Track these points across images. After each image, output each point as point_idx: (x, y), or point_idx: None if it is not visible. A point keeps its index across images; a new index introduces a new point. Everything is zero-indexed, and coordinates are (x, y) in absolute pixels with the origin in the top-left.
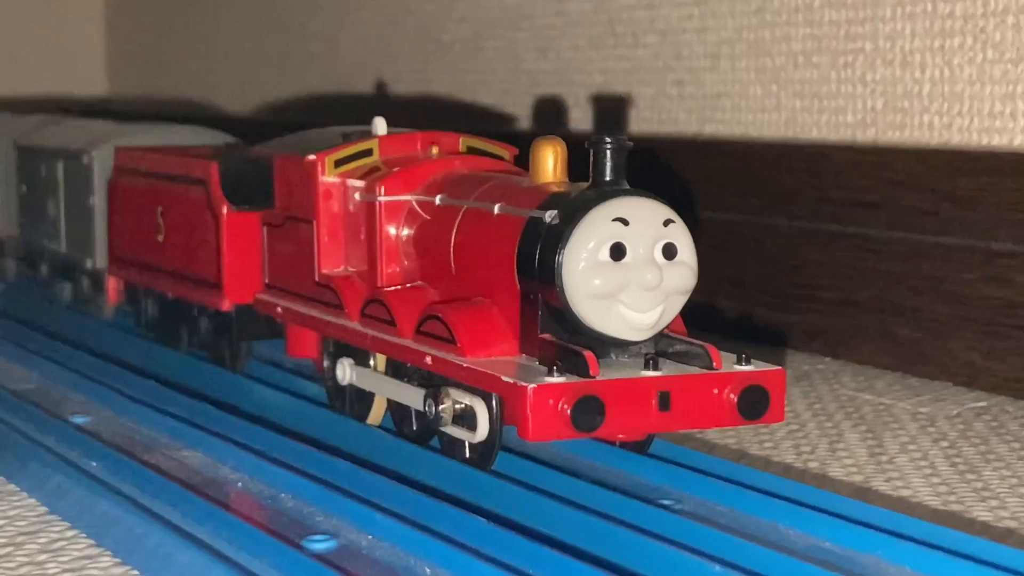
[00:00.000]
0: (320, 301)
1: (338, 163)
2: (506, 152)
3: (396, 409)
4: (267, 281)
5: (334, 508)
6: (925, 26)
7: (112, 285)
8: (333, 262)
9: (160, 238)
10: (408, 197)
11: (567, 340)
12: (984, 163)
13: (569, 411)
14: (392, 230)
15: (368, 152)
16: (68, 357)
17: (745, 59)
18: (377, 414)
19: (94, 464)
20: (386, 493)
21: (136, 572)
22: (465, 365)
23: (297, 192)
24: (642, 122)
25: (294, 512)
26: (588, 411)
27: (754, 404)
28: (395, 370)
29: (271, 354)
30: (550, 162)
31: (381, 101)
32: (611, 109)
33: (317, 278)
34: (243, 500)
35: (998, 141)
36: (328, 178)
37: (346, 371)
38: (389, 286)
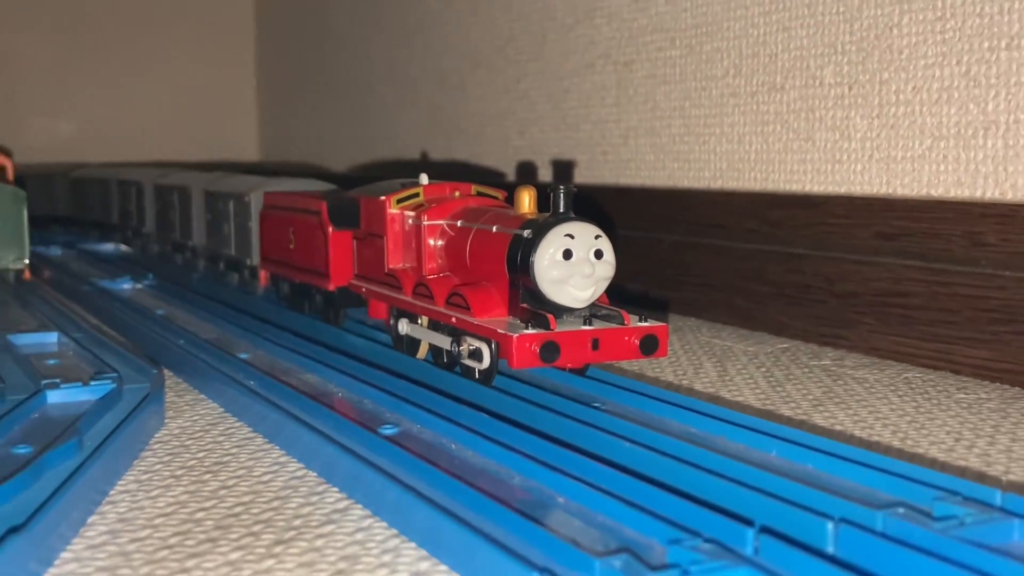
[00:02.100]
0: (388, 284)
1: (398, 201)
2: (500, 195)
3: (434, 349)
4: (356, 272)
5: (397, 408)
6: (751, 119)
7: (263, 275)
8: (396, 261)
9: (291, 246)
10: (441, 222)
11: (537, 308)
12: (788, 200)
13: (538, 350)
14: (431, 242)
15: (416, 195)
16: (236, 317)
17: (644, 138)
18: (422, 352)
19: (252, 382)
20: (428, 399)
21: (280, 450)
22: (475, 322)
23: (374, 219)
24: (581, 177)
25: (373, 411)
26: (549, 350)
27: (649, 346)
28: (434, 325)
29: (359, 316)
30: (526, 201)
31: (423, 164)
32: (563, 168)
33: (386, 271)
34: (342, 404)
35: (796, 188)
36: (392, 210)
37: (404, 327)
38: (430, 275)
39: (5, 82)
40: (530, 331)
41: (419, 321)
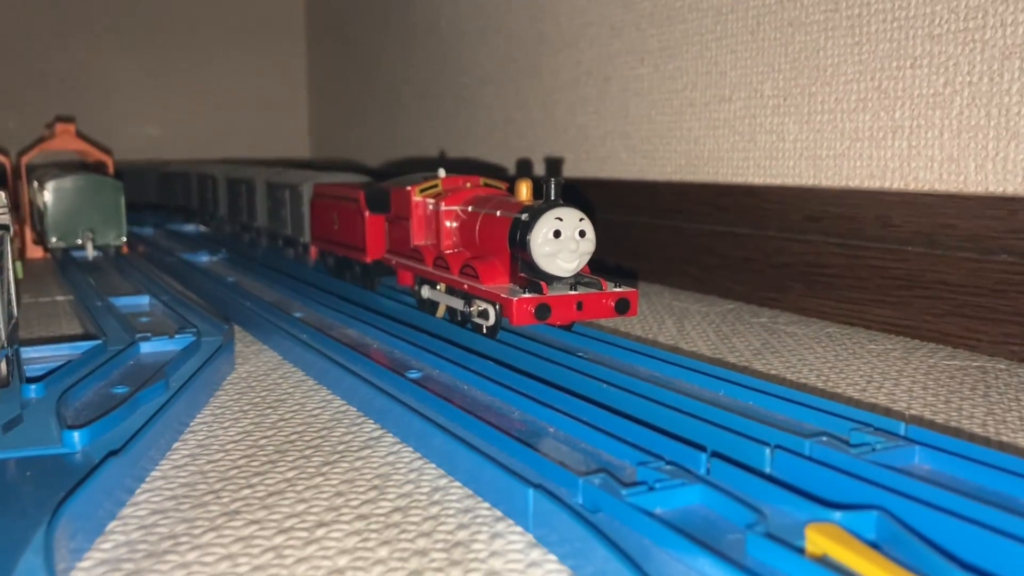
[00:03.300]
0: (414, 258)
1: (421, 191)
2: (502, 185)
3: (450, 310)
4: (387, 248)
5: (420, 357)
6: (705, 124)
7: (313, 250)
8: (419, 239)
9: (336, 227)
10: (456, 208)
11: (532, 277)
12: (735, 190)
13: (533, 310)
14: (448, 224)
15: (435, 185)
16: (291, 286)
17: (618, 140)
18: (440, 312)
19: (305, 336)
20: (445, 349)
21: (327, 390)
22: (483, 288)
23: (402, 205)
24: (568, 171)
25: (400, 358)
26: (543, 310)
27: (622, 307)
28: (450, 290)
29: (389, 283)
30: (524, 191)
31: (441, 161)
32: (553, 164)
33: (411, 247)
34: (376, 353)
35: (741, 180)
36: (416, 198)
37: (426, 291)
38: (447, 251)
39: (105, 93)
40: (527, 295)
41: (438, 287)
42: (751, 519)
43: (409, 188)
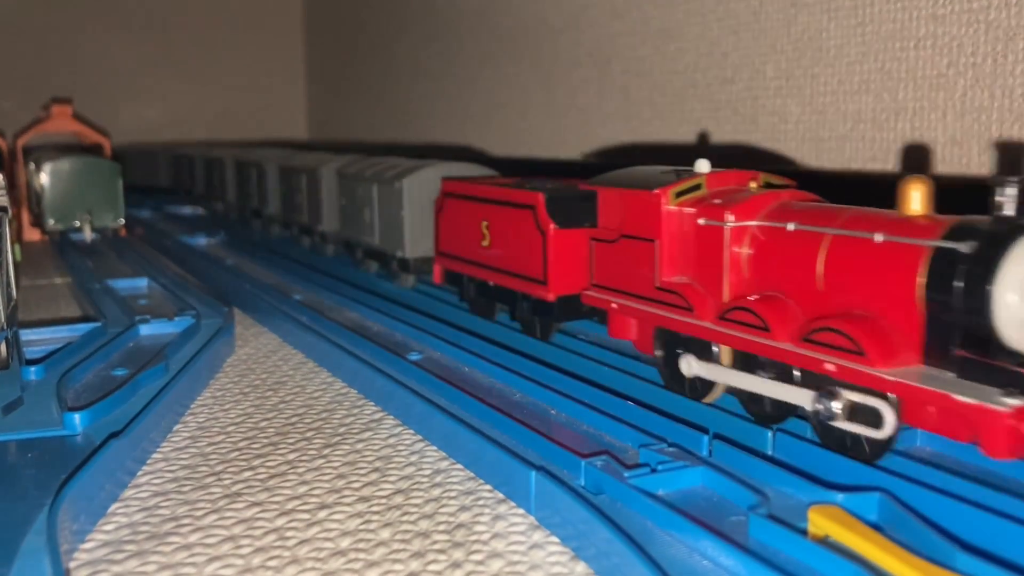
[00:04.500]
0: (661, 302)
1: (678, 195)
2: (791, 184)
3: (746, 395)
4: (594, 281)
5: (421, 340)
6: (707, 106)
7: (437, 270)
8: (672, 272)
9: (485, 243)
10: (752, 223)
11: (985, 356)
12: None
13: None
14: (736, 250)
15: (697, 186)
16: (290, 266)
17: (620, 123)
18: (714, 396)
19: (305, 318)
20: (446, 332)
21: (328, 372)
22: (878, 374)
23: (637, 216)
24: (569, 154)
25: (402, 341)
26: None
27: None
28: (744, 364)
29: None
30: (917, 198)
31: (437, 148)
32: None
33: (657, 284)
34: (380, 337)
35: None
36: (670, 206)
37: (695, 366)
38: (738, 296)
39: (102, 76)
40: (1018, 402)
41: (720, 356)
42: (753, 501)
43: (657, 191)
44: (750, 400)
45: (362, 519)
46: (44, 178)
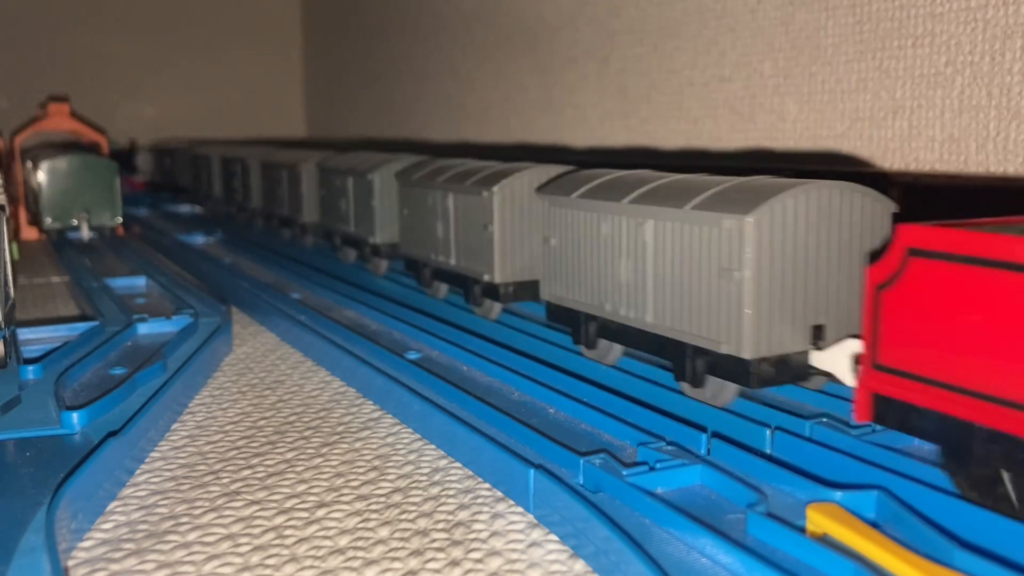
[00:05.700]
0: None
1: None
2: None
3: None
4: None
5: (420, 338)
6: (704, 104)
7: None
8: None
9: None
10: None
11: None
12: (735, 172)
13: None
14: None
15: None
16: (288, 264)
17: (617, 120)
18: None
19: (303, 317)
20: (444, 330)
21: (326, 371)
22: None
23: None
24: (563, 155)
25: (400, 340)
26: None
27: None
28: None
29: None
30: None
31: (431, 144)
32: None
33: None
34: (378, 335)
35: (741, 162)
36: None
37: None
38: None
39: (102, 76)
40: None
41: None
42: (752, 499)
43: None
44: None
45: (361, 517)
46: (42, 176)
